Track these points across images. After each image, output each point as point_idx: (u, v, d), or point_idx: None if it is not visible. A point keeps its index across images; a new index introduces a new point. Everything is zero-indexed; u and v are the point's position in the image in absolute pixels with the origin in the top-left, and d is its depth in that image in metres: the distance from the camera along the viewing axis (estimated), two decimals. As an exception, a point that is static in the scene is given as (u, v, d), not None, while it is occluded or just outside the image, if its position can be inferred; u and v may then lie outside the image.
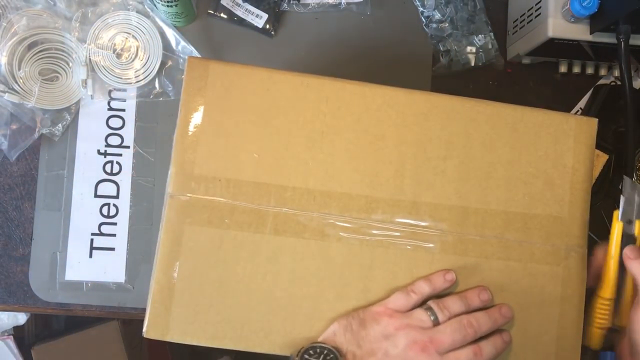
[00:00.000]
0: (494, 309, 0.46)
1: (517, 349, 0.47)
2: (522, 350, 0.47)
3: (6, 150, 0.64)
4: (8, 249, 0.65)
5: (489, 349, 0.44)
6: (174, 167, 0.47)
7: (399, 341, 0.43)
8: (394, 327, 0.44)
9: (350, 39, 0.70)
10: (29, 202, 0.65)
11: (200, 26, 0.69)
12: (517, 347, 0.47)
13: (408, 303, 0.45)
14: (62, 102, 0.65)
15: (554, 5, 0.60)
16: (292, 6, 0.69)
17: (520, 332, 0.47)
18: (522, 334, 0.47)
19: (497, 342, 0.45)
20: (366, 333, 0.44)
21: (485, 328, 0.45)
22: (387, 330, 0.44)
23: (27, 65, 0.64)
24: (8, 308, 0.66)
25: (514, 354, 0.47)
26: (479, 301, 0.46)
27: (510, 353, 0.47)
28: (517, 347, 0.47)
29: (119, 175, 0.66)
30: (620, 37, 0.57)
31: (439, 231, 0.47)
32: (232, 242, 0.46)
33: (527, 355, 0.47)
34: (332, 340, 0.44)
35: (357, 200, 0.47)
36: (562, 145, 0.48)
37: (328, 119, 0.47)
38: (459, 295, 0.46)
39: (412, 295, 0.45)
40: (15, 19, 0.63)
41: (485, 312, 0.45)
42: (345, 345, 0.44)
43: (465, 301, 0.45)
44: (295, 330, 0.46)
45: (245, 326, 0.46)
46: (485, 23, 0.70)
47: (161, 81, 0.67)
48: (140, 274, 0.65)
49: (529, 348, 0.47)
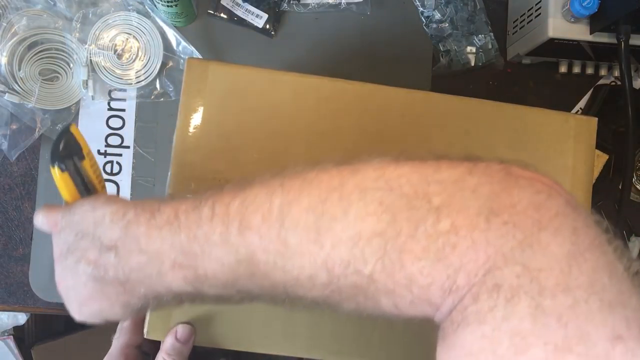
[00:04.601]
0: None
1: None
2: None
3: (6, 150, 0.64)
4: (8, 249, 0.65)
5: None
6: (174, 167, 0.46)
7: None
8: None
9: (350, 39, 0.70)
10: (29, 202, 0.65)
11: (201, 26, 0.69)
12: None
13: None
14: (63, 102, 0.65)
15: (554, 5, 0.60)
16: (292, 6, 0.69)
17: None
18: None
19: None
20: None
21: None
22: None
23: (28, 66, 0.64)
24: (8, 308, 0.66)
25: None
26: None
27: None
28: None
29: (119, 175, 0.66)
30: (620, 37, 0.57)
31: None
32: (232, 242, 0.46)
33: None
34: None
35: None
36: (562, 145, 0.48)
37: (328, 119, 0.47)
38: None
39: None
40: (15, 19, 0.63)
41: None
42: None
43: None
44: (295, 330, 0.46)
45: (245, 327, 0.46)
46: (485, 23, 0.70)
47: (162, 81, 0.67)
48: (140, 274, 0.65)
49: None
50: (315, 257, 0.26)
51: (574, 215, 0.24)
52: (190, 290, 0.30)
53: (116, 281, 0.31)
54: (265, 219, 0.27)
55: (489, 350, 0.22)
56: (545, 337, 0.21)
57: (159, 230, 0.29)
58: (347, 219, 0.25)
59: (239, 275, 0.28)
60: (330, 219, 0.25)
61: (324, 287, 0.26)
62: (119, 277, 0.30)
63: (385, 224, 0.24)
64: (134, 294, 0.31)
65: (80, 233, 0.32)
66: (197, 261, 0.28)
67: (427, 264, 0.24)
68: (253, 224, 0.27)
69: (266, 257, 0.27)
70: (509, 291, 0.22)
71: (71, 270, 0.33)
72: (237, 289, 0.29)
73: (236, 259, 0.27)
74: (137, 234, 0.30)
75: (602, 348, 0.20)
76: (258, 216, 0.27)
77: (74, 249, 0.32)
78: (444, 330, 0.24)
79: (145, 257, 0.30)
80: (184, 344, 0.44)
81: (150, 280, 0.30)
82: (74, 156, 0.36)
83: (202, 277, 0.29)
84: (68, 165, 0.35)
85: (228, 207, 0.28)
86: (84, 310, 0.34)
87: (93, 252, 0.31)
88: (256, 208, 0.27)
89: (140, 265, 0.30)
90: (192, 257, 0.28)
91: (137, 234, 0.30)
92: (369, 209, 0.25)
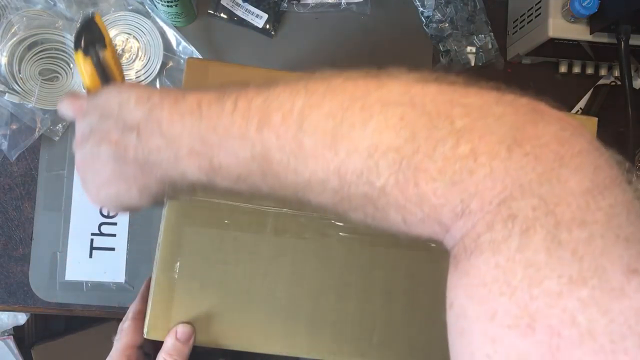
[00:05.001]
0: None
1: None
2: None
3: (6, 150, 0.64)
4: (8, 249, 0.65)
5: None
6: (174, 167, 0.46)
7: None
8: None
9: (350, 39, 0.70)
10: (29, 202, 0.65)
11: (201, 26, 0.69)
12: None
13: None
14: (62, 102, 0.65)
15: (554, 5, 0.60)
16: (292, 6, 0.69)
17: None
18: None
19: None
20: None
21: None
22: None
23: (28, 66, 0.64)
24: (8, 308, 0.66)
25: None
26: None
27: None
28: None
29: (119, 175, 0.66)
30: (620, 37, 0.57)
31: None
32: (232, 243, 0.46)
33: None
34: None
35: (357, 200, 0.47)
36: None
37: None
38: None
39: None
40: (15, 19, 0.63)
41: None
42: None
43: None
44: (295, 330, 0.46)
45: (245, 326, 0.46)
46: (485, 23, 0.70)
47: (162, 81, 0.67)
48: (140, 274, 0.65)
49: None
50: (329, 162, 0.26)
51: (597, 154, 0.23)
52: (203, 179, 0.30)
53: (135, 162, 0.31)
54: (285, 119, 0.27)
55: (503, 280, 0.21)
56: (560, 270, 0.20)
57: (181, 116, 0.30)
58: (365, 130, 0.25)
59: (251, 171, 0.28)
60: (349, 127, 0.25)
61: (334, 193, 0.26)
62: (138, 158, 0.31)
63: (404, 139, 0.24)
64: (150, 177, 0.32)
65: (105, 114, 0.33)
66: (213, 151, 0.29)
67: (442, 186, 0.23)
68: (272, 122, 0.27)
69: (280, 157, 0.27)
70: (524, 222, 0.21)
71: (92, 152, 0.33)
72: (248, 185, 0.29)
73: (251, 154, 0.28)
74: (160, 118, 0.30)
75: (616, 282, 0.20)
76: (278, 115, 0.27)
77: (97, 130, 0.33)
78: (457, 257, 0.24)
79: (164, 140, 0.30)
80: (184, 344, 0.44)
81: (167, 164, 0.30)
82: (97, 44, 0.37)
83: (216, 168, 0.29)
84: (91, 51, 0.36)
85: (250, 102, 0.28)
86: (102, 193, 0.34)
87: (116, 132, 0.32)
88: (278, 107, 0.27)
89: (159, 148, 0.30)
90: (209, 146, 0.29)
91: (159, 118, 0.30)
92: (389, 122, 0.24)
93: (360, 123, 0.25)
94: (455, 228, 0.24)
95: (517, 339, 0.20)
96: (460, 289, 0.24)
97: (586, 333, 0.19)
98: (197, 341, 0.45)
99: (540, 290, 0.20)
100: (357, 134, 0.25)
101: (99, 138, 0.33)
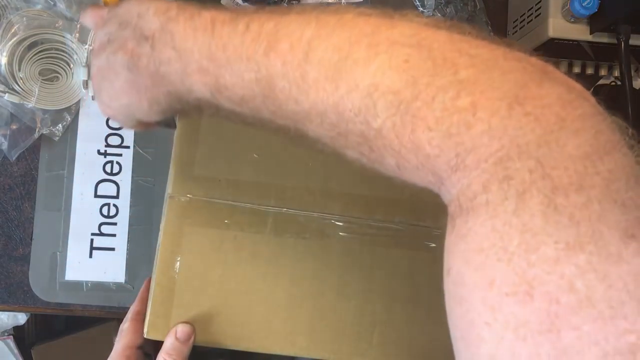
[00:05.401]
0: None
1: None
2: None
3: (6, 150, 0.64)
4: (8, 249, 0.65)
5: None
6: (174, 167, 0.47)
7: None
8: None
9: (350, 39, 0.69)
10: (29, 202, 0.65)
11: (200, 26, 0.69)
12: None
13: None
14: (62, 102, 0.65)
15: (554, 5, 0.60)
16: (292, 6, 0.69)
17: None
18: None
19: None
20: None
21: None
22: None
23: (27, 66, 0.64)
24: (8, 308, 0.66)
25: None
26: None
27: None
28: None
29: (119, 175, 0.66)
30: (620, 37, 0.57)
31: (441, 230, 0.47)
32: (232, 243, 0.46)
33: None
34: None
35: (358, 200, 0.47)
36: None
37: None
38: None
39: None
40: (15, 19, 0.63)
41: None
42: None
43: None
44: (295, 330, 0.46)
45: (245, 326, 0.46)
46: (485, 23, 0.70)
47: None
48: (140, 274, 0.65)
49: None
50: (329, 96, 0.26)
51: (599, 118, 0.23)
52: (208, 97, 0.31)
53: (147, 72, 0.32)
54: (293, 47, 0.27)
55: (500, 246, 0.21)
56: (557, 236, 0.20)
57: (194, 31, 0.30)
58: (368, 68, 0.25)
59: (255, 94, 0.29)
60: (353, 63, 0.25)
61: (332, 127, 0.27)
62: (150, 68, 0.32)
63: (404, 83, 0.24)
64: (160, 89, 0.32)
65: (123, 23, 0.34)
66: (221, 70, 0.29)
67: (437, 136, 0.23)
68: (280, 49, 0.27)
69: (283, 84, 0.27)
70: (521, 185, 0.21)
71: (108, 61, 0.34)
72: (250, 109, 0.30)
73: (256, 77, 0.28)
74: (174, 31, 0.31)
75: (614, 247, 0.20)
76: (287, 43, 0.27)
77: (114, 38, 0.34)
78: (453, 217, 0.24)
79: (175, 53, 0.31)
80: (184, 344, 0.44)
81: (175, 76, 0.31)
82: None
83: (221, 87, 0.30)
84: None
85: (262, 26, 0.28)
86: (114, 103, 0.35)
87: (132, 41, 0.33)
88: (287, 34, 0.27)
89: (169, 59, 0.31)
90: (217, 65, 0.29)
91: (173, 30, 0.31)
92: (392, 63, 0.24)
93: (364, 60, 0.25)
94: (450, 182, 0.24)
95: (515, 306, 0.20)
96: (458, 254, 0.23)
97: (585, 299, 0.19)
98: (197, 341, 0.45)
99: (537, 257, 0.20)
100: (360, 71, 0.25)
101: (116, 47, 0.34)
